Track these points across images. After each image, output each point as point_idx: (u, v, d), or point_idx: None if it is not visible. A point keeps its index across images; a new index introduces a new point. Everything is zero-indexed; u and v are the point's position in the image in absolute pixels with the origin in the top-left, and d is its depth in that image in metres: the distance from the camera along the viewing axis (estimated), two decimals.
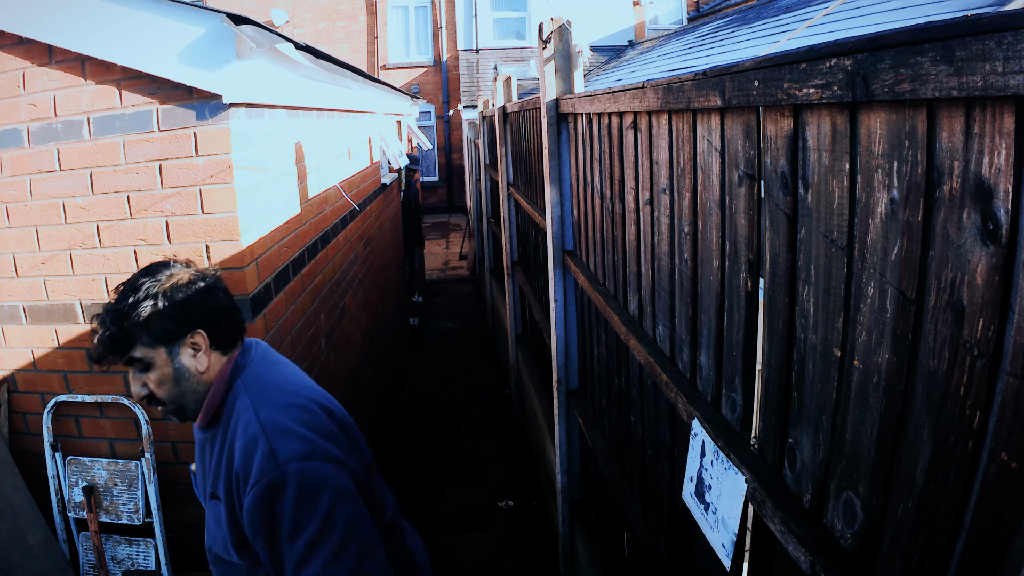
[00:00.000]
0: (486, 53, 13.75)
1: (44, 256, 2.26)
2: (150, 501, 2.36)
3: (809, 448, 0.90)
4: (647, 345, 1.58)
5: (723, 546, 1.10)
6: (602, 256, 2.05)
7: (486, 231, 6.83)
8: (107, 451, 2.43)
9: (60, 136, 2.14)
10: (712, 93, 1.06)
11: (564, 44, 2.29)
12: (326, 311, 3.28)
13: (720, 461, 1.11)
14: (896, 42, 0.62)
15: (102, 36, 2.00)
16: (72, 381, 2.37)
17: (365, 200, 4.53)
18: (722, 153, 1.10)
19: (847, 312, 0.79)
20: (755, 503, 0.99)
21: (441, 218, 14.85)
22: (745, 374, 1.11)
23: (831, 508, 0.85)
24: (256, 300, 2.28)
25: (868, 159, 0.73)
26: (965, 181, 0.59)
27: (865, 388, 0.76)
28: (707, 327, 1.24)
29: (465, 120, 11.10)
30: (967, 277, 0.60)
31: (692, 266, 1.29)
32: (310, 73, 2.93)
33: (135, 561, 2.43)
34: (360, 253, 4.28)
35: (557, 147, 2.41)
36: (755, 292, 1.06)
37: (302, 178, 2.88)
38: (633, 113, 1.57)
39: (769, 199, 0.96)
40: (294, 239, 2.75)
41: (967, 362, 0.60)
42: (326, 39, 14.43)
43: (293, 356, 2.67)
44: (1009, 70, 0.50)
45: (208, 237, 2.17)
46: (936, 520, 0.65)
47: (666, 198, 1.40)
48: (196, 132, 2.10)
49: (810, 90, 0.78)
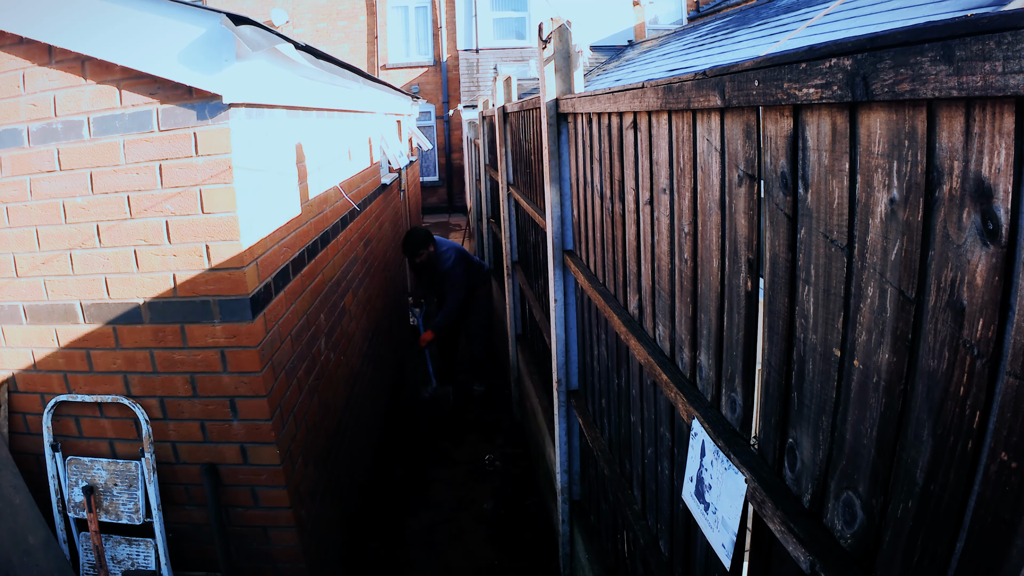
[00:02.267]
0: (486, 53, 13.74)
1: (44, 256, 2.26)
2: (150, 501, 2.36)
3: (809, 448, 0.90)
4: (647, 345, 1.58)
5: (723, 546, 1.10)
6: (602, 256, 2.05)
7: (486, 231, 6.83)
8: (107, 451, 2.43)
9: (60, 136, 2.14)
10: (712, 93, 1.06)
11: (564, 44, 2.29)
12: (326, 311, 3.28)
13: (720, 461, 1.11)
14: (896, 42, 0.62)
15: (102, 36, 2.00)
16: (72, 381, 2.37)
17: (365, 200, 4.53)
18: (722, 153, 1.10)
19: (847, 312, 0.79)
20: (755, 503, 0.99)
21: (441, 218, 14.86)
22: (745, 374, 1.11)
23: (831, 508, 0.85)
24: (256, 300, 2.28)
25: (868, 159, 0.73)
26: (965, 181, 0.59)
27: (865, 388, 0.76)
28: (707, 327, 1.24)
29: (465, 120, 11.10)
30: (967, 277, 0.59)
31: (692, 266, 1.29)
32: (310, 73, 2.93)
33: (135, 561, 2.43)
34: (360, 253, 4.28)
35: (557, 147, 2.41)
36: (755, 292, 1.06)
37: (302, 178, 2.89)
38: (633, 113, 1.57)
39: (769, 199, 0.96)
40: (294, 239, 2.75)
41: (967, 362, 0.60)
42: (326, 39, 14.43)
43: (293, 356, 2.67)
44: (1009, 70, 0.50)
45: (208, 237, 2.17)
46: (936, 520, 0.65)
47: (666, 198, 1.40)
48: (196, 132, 2.09)
49: (810, 90, 0.78)
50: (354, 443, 3.73)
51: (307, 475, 2.74)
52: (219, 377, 2.31)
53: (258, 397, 2.33)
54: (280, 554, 2.55)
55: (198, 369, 2.30)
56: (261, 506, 2.48)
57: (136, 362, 2.32)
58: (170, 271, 2.21)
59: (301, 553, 2.56)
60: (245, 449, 2.40)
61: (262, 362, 2.31)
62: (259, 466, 2.42)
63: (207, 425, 2.37)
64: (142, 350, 2.30)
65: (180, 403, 2.35)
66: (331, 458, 3.16)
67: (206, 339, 2.26)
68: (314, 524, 2.78)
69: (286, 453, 2.49)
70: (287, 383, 2.57)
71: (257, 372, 2.30)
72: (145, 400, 2.35)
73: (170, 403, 2.36)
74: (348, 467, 3.52)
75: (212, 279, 2.20)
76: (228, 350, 2.27)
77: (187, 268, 2.20)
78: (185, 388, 2.33)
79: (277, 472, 2.43)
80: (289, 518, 2.50)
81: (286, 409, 2.53)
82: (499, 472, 4.33)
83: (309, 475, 2.77)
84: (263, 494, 2.46)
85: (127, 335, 2.29)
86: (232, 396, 2.33)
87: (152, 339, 2.28)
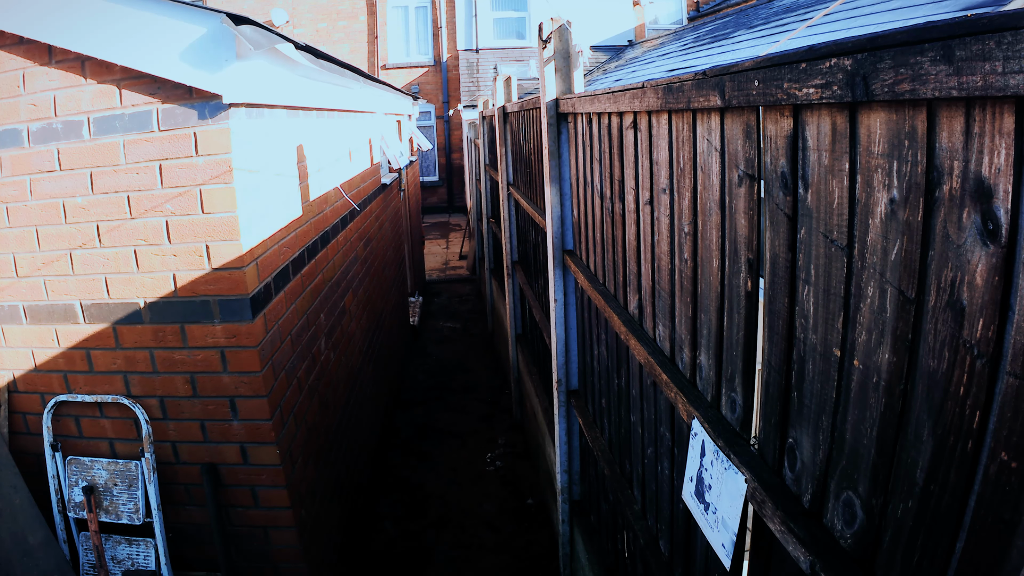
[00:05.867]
0: (486, 53, 13.74)
1: (44, 256, 2.26)
2: (150, 501, 2.36)
3: (809, 448, 0.90)
4: (647, 345, 1.58)
5: (723, 546, 1.10)
6: (602, 256, 2.05)
7: (486, 231, 6.83)
8: (107, 451, 2.43)
9: (60, 136, 2.14)
10: (712, 93, 1.06)
11: (564, 44, 2.29)
12: (326, 311, 3.28)
13: (720, 461, 1.11)
14: (896, 42, 0.62)
15: (102, 36, 2.00)
16: (72, 381, 2.37)
17: (365, 200, 4.53)
18: (722, 153, 1.10)
19: (847, 312, 0.79)
20: (755, 503, 0.99)
21: (441, 218, 14.86)
22: (745, 374, 1.11)
23: (831, 508, 0.85)
24: (256, 300, 2.28)
25: (868, 159, 0.73)
26: (965, 181, 0.59)
27: (865, 388, 0.76)
28: (707, 327, 1.24)
29: (465, 120, 11.10)
30: (967, 277, 0.59)
31: (692, 266, 1.29)
32: (310, 73, 2.93)
33: (135, 561, 2.43)
34: (360, 253, 4.28)
35: (557, 147, 2.41)
36: (755, 292, 1.06)
37: (302, 178, 2.88)
38: (633, 113, 1.57)
39: (769, 199, 0.96)
40: (294, 239, 2.75)
41: (967, 362, 0.60)
42: (326, 39, 14.43)
43: (293, 355, 2.67)
44: (1009, 70, 0.50)
45: (208, 237, 2.17)
46: (936, 520, 0.65)
47: (666, 198, 1.40)
48: (196, 132, 2.09)
49: (810, 90, 0.78)
50: (354, 442, 3.73)
51: (307, 475, 2.74)
52: (219, 377, 2.31)
53: (258, 397, 2.33)
54: (280, 554, 2.55)
55: (198, 369, 2.30)
56: (261, 506, 2.48)
57: (136, 362, 2.32)
58: (170, 271, 2.21)
59: (301, 553, 2.56)
60: (245, 449, 2.40)
61: (262, 362, 2.31)
62: (259, 466, 2.42)
63: (207, 425, 2.37)
64: (142, 350, 2.30)
65: (180, 403, 2.35)
66: (331, 458, 3.16)
67: (206, 339, 2.26)
68: (314, 524, 2.78)
69: (286, 453, 2.49)
70: (287, 383, 2.57)
71: (257, 372, 2.30)
72: (145, 400, 2.35)
73: (170, 403, 2.36)
74: (348, 467, 3.52)
75: (212, 279, 2.20)
76: (228, 350, 2.27)
77: (187, 268, 2.20)
78: (185, 388, 2.33)
79: (277, 472, 2.43)
80: (289, 518, 2.50)
81: (286, 409, 2.53)
82: (500, 472, 4.33)
83: (309, 475, 2.77)
84: (263, 494, 2.46)
85: (127, 335, 2.29)
86: (232, 396, 2.33)
87: (152, 339, 2.28)
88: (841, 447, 0.82)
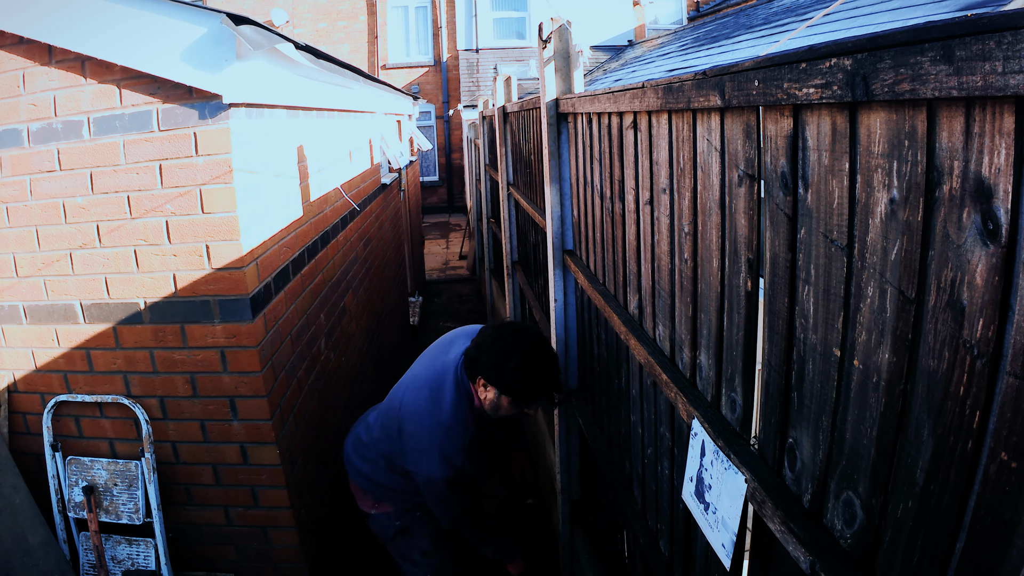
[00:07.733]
0: (486, 53, 13.75)
1: (44, 256, 2.26)
2: (150, 501, 2.36)
3: (809, 448, 0.90)
4: (647, 345, 1.58)
5: (723, 546, 1.10)
6: (602, 256, 2.05)
7: (486, 231, 6.83)
8: (107, 451, 2.43)
9: (60, 136, 2.14)
10: (712, 93, 1.06)
11: (564, 44, 2.29)
12: (326, 311, 3.28)
13: (720, 461, 1.11)
14: (896, 42, 0.62)
15: (102, 36, 2.00)
16: (72, 381, 2.37)
17: (365, 200, 4.53)
18: (722, 153, 1.10)
19: (847, 312, 0.79)
20: (755, 503, 0.99)
21: (441, 218, 14.86)
22: (745, 374, 1.11)
23: (831, 508, 0.85)
24: (256, 300, 2.28)
25: (868, 159, 0.73)
26: (965, 181, 0.59)
27: (865, 388, 0.76)
28: (707, 327, 1.24)
29: (465, 120, 11.10)
30: (967, 277, 0.59)
31: (692, 266, 1.29)
32: (310, 73, 2.93)
33: (135, 561, 2.43)
34: (360, 253, 4.28)
35: (557, 147, 2.41)
36: (755, 292, 1.06)
37: (302, 178, 2.88)
38: (633, 113, 1.57)
39: (769, 199, 0.96)
40: (294, 239, 2.75)
41: (967, 362, 0.60)
42: (326, 39, 14.43)
43: (293, 355, 2.67)
44: (1009, 70, 0.50)
45: (208, 237, 2.17)
46: (936, 520, 0.65)
47: (666, 198, 1.40)
48: (196, 132, 2.09)
49: (810, 90, 0.78)
50: None
51: (307, 475, 2.74)
52: (219, 377, 2.31)
53: (258, 397, 2.33)
54: (280, 554, 2.55)
55: (198, 369, 2.30)
56: (261, 506, 2.48)
57: (136, 362, 2.32)
58: (170, 271, 2.21)
59: (301, 553, 2.56)
60: (245, 449, 2.40)
61: (262, 362, 2.31)
62: (259, 466, 2.42)
63: (207, 425, 2.37)
64: (142, 350, 2.30)
65: (180, 403, 2.35)
66: (332, 458, 3.16)
67: (206, 339, 2.26)
68: (314, 524, 2.78)
69: (286, 453, 2.49)
70: (287, 383, 2.57)
71: (257, 372, 2.30)
72: (145, 400, 2.35)
73: (170, 403, 2.36)
74: None
75: (212, 279, 2.20)
76: (228, 350, 2.27)
77: (187, 268, 2.20)
78: (185, 388, 2.33)
79: (277, 472, 2.43)
80: (289, 518, 2.50)
81: (286, 409, 2.53)
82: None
83: (309, 475, 2.77)
84: (263, 494, 2.46)
85: (127, 335, 2.29)
86: (232, 396, 2.33)
87: (152, 339, 2.28)
88: (841, 447, 0.82)
